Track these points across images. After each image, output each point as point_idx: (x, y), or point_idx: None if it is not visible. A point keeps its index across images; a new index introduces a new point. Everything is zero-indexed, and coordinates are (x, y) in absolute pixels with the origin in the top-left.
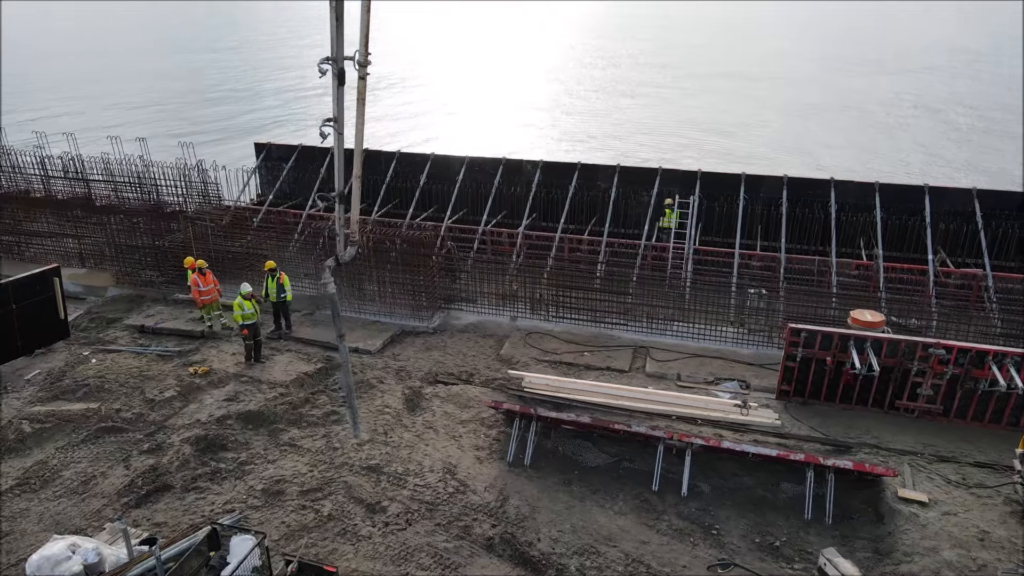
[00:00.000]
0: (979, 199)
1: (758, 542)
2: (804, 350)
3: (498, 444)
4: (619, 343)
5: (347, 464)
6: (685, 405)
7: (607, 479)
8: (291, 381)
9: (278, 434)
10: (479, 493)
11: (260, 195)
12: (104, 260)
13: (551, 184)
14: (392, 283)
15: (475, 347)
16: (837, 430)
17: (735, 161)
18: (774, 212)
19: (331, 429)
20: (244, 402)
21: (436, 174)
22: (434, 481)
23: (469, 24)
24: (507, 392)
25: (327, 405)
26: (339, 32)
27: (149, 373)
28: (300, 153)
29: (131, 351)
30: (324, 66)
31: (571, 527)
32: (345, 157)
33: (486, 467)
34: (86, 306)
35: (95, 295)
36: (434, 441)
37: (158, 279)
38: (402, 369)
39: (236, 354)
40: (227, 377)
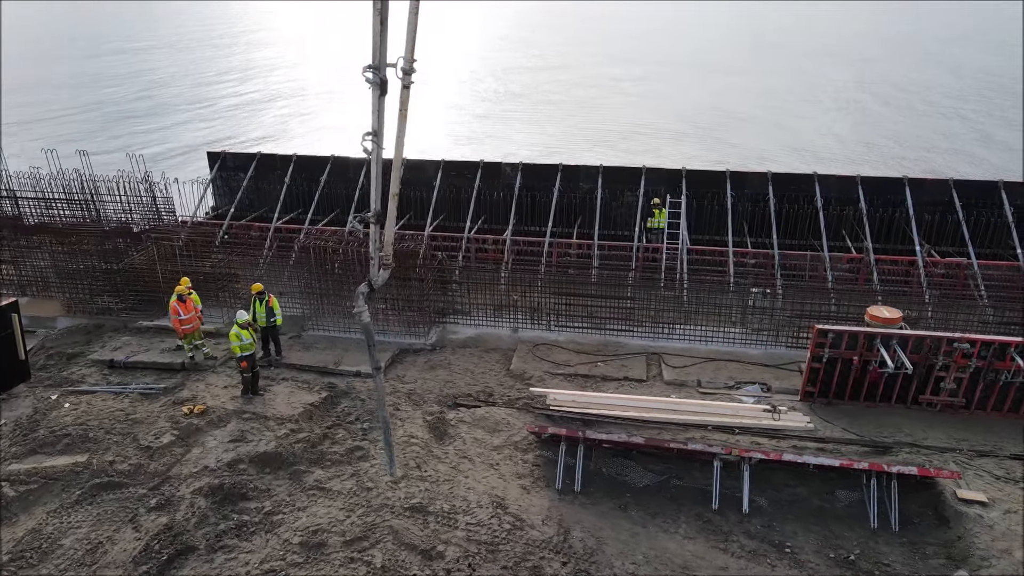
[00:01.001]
0: (956, 189)
1: (833, 557)
2: (831, 350)
3: (539, 470)
4: (629, 350)
5: (387, 505)
6: (717, 414)
7: (661, 500)
8: (299, 415)
9: (301, 477)
10: (538, 527)
11: (216, 208)
12: (48, 287)
13: (532, 187)
14: (384, 299)
15: (481, 363)
16: (868, 430)
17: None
18: (761, 208)
19: (358, 467)
20: (253, 442)
21: (410, 179)
22: (486, 517)
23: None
24: (533, 412)
25: (348, 440)
26: (383, 37)
27: (136, 416)
28: (259, 162)
29: (108, 391)
30: (368, 75)
31: (643, 557)
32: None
33: (535, 497)
34: (37, 340)
35: (43, 327)
36: (472, 472)
37: (117, 306)
38: (413, 393)
39: (229, 387)
40: (227, 415)
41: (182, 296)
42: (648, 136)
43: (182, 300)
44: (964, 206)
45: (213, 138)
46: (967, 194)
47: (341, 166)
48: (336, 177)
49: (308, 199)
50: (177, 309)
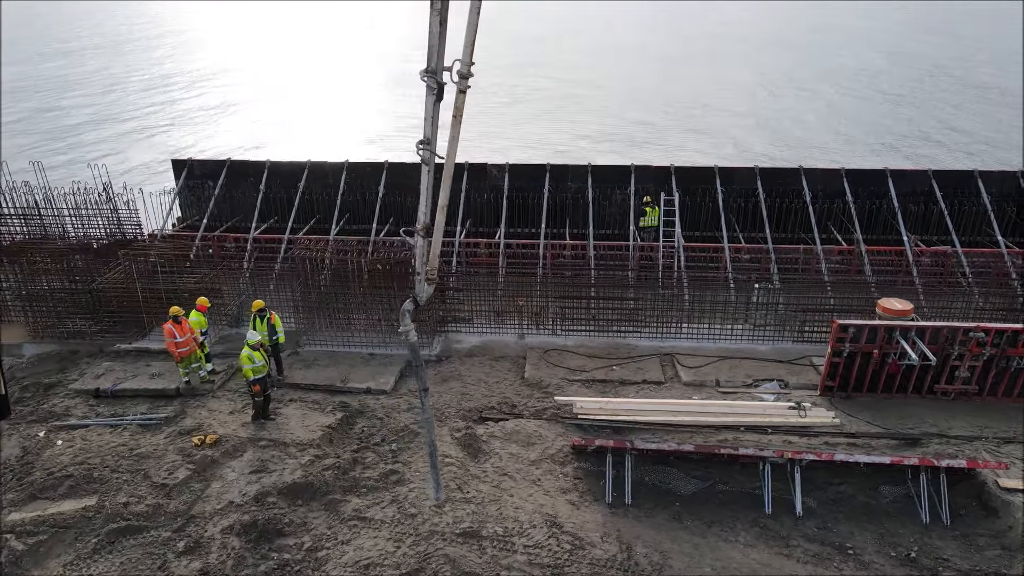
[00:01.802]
0: (935, 179)
1: (894, 556)
2: (851, 345)
3: (582, 483)
4: (641, 352)
5: (436, 532)
6: (746, 414)
7: (713, 507)
8: (319, 439)
9: (337, 507)
10: (598, 545)
11: (184, 219)
12: (8, 311)
13: (521, 188)
14: (386, 309)
15: (493, 372)
16: (892, 422)
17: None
18: (752, 203)
19: (396, 492)
20: (277, 472)
21: (391, 183)
22: (543, 538)
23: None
24: (563, 422)
25: (380, 464)
26: (442, 39)
27: (141, 450)
28: (230, 169)
29: (103, 424)
30: (427, 81)
31: (711, 570)
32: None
33: (587, 512)
34: (5, 369)
35: (9, 355)
36: (516, 490)
37: (90, 328)
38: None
39: (235, 412)
40: (241, 443)
41: (177, 318)
42: (619, 131)
43: (177, 322)
44: (944, 195)
45: (170, 146)
46: (945, 183)
47: (318, 172)
48: (314, 183)
49: (284, 207)
50: (172, 331)
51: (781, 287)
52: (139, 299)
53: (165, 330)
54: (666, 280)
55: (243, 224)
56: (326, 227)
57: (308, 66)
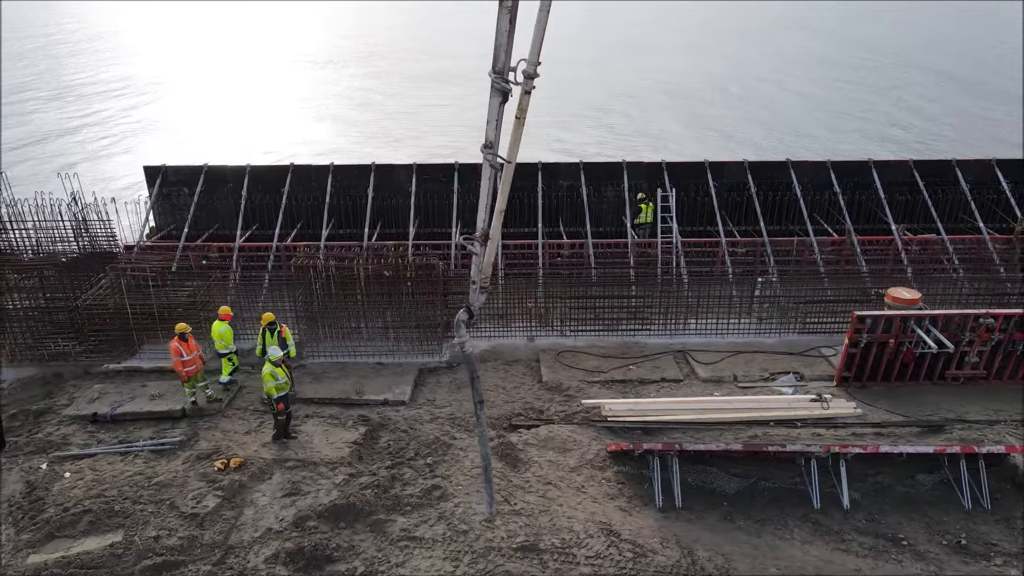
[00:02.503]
0: (916, 169)
1: (946, 544)
2: (868, 335)
3: (626, 487)
4: (653, 350)
5: (493, 548)
6: (772, 408)
7: (759, 505)
8: (348, 456)
9: (384, 527)
10: (660, 552)
11: (159, 229)
12: None
13: (517, 187)
14: (394, 316)
15: (509, 377)
16: (910, 409)
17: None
18: (747, 197)
19: (442, 508)
20: (311, 494)
21: (379, 185)
22: (603, 548)
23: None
24: (595, 426)
25: (419, 479)
26: (511, 38)
27: (160, 479)
28: (207, 175)
29: (111, 452)
30: (494, 81)
31: (776, 570)
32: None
33: (639, 518)
34: None
35: None
36: (562, 498)
37: (74, 349)
38: (454, 417)
39: (251, 432)
40: (267, 465)
41: (184, 335)
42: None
43: (184, 339)
44: (926, 185)
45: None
46: (925, 173)
47: (302, 175)
48: (297, 187)
49: (267, 213)
50: (179, 350)
51: (779, 280)
52: (128, 315)
53: (171, 348)
54: (668, 277)
55: (223, 232)
56: (314, 233)
57: (240, 66)
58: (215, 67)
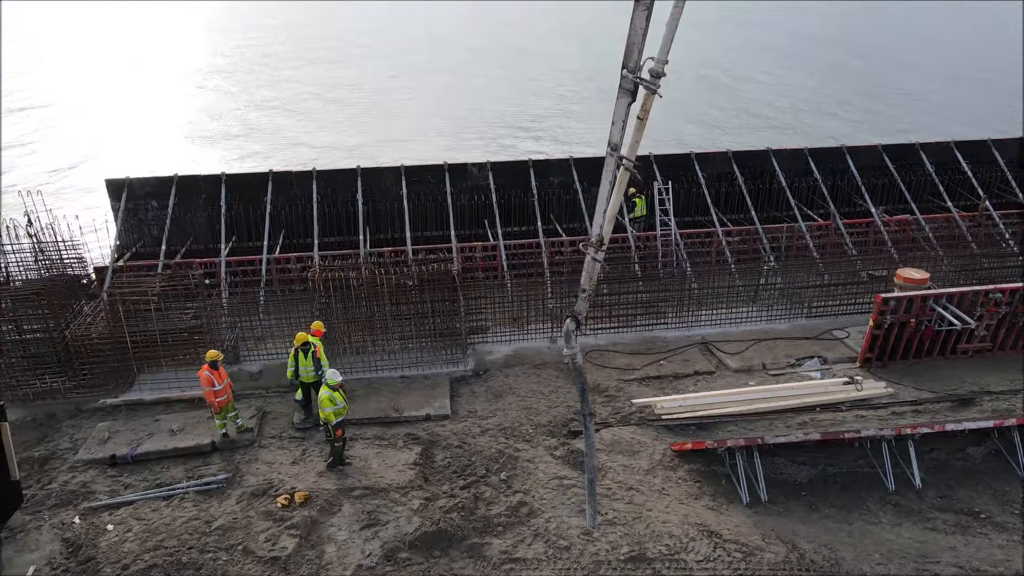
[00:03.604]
0: (885, 153)
1: (1019, 514)
2: (891, 316)
3: (703, 485)
4: (678, 344)
5: (602, 562)
6: (811, 394)
7: (834, 492)
8: (414, 478)
9: (481, 551)
10: (766, 549)
11: (122, 247)
12: None
13: (502, 186)
14: (416, 326)
15: (544, 382)
16: (934, 384)
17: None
18: (736, 187)
19: (534, 525)
20: (392, 523)
21: (366, 189)
22: (709, 551)
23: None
24: (651, 425)
25: (500, 497)
26: (645, 35)
27: (220, 522)
28: (178, 185)
29: (152, 497)
30: (625, 80)
31: (880, 556)
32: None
33: (731, 516)
34: None
35: None
36: (650, 503)
37: (65, 385)
38: (504, 428)
39: (298, 461)
40: (332, 496)
41: (216, 363)
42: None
43: (215, 367)
44: (897, 168)
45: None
46: (893, 157)
47: (283, 182)
48: (278, 195)
49: (245, 223)
50: (211, 379)
51: (780, 267)
52: (127, 344)
53: (202, 378)
54: (669, 270)
55: (198, 247)
56: (302, 242)
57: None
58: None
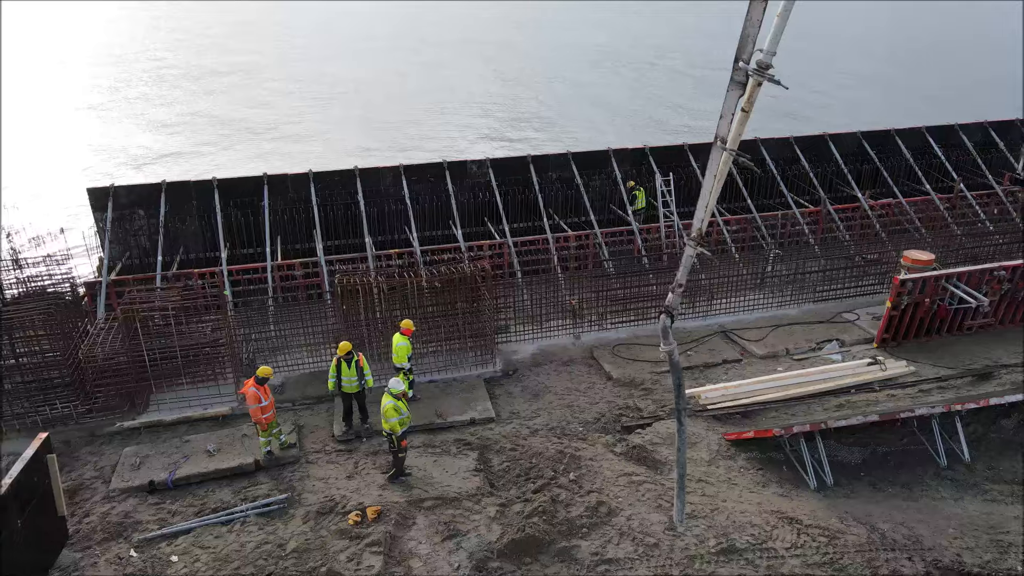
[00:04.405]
0: (865, 139)
1: None
2: (908, 297)
3: (765, 472)
4: (698, 333)
5: (695, 556)
6: (842, 376)
7: (889, 470)
8: (480, 484)
9: (571, 555)
10: (848, 531)
11: (113, 258)
12: None
13: (502, 183)
14: (447, 330)
15: (577, 379)
16: (950, 361)
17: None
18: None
19: (617, 524)
20: (473, 532)
21: (366, 191)
22: (794, 537)
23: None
24: (700, 415)
25: (576, 498)
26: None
27: (294, 545)
28: (168, 192)
29: (211, 524)
30: (738, 72)
31: (954, 531)
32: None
33: (803, 501)
34: None
35: None
36: (723, 494)
37: (77, 409)
38: (552, 428)
39: (353, 475)
40: (404, 509)
41: (265, 380)
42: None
43: (261, 384)
44: (877, 155)
45: None
46: (871, 143)
47: (278, 185)
48: (275, 198)
49: (239, 229)
50: (258, 395)
51: (784, 254)
52: (145, 362)
53: (249, 395)
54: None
55: (190, 256)
56: (303, 247)
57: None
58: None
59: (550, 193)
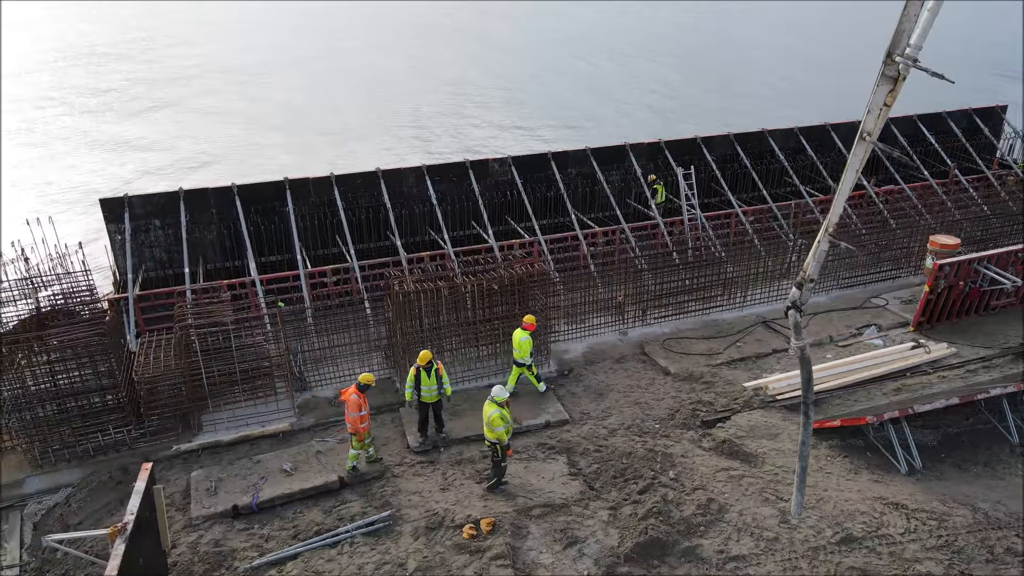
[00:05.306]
0: None
1: None
2: (944, 281)
3: (852, 459)
4: (739, 324)
5: (817, 548)
6: (893, 360)
7: (966, 451)
8: (583, 488)
9: (696, 554)
10: (953, 513)
11: (120, 272)
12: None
13: (528, 180)
14: (504, 331)
15: (635, 376)
16: (983, 340)
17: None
18: (743, 168)
19: (729, 520)
20: (592, 539)
21: (391, 193)
22: (905, 522)
23: None
24: (772, 406)
25: (683, 496)
26: (915, 25)
27: (414, 564)
28: (186, 200)
29: (318, 546)
30: (891, 67)
31: None
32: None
33: (900, 486)
34: (17, 519)
35: (9, 494)
36: (822, 483)
37: (131, 433)
38: (629, 427)
39: (446, 488)
40: (515, 519)
41: (367, 387)
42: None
43: (363, 391)
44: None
45: None
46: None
47: (299, 190)
48: (299, 204)
49: (261, 236)
50: (360, 403)
51: (807, 243)
52: (203, 381)
53: (351, 402)
54: (704, 253)
55: (213, 267)
56: (330, 253)
57: None
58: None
59: (571, 189)
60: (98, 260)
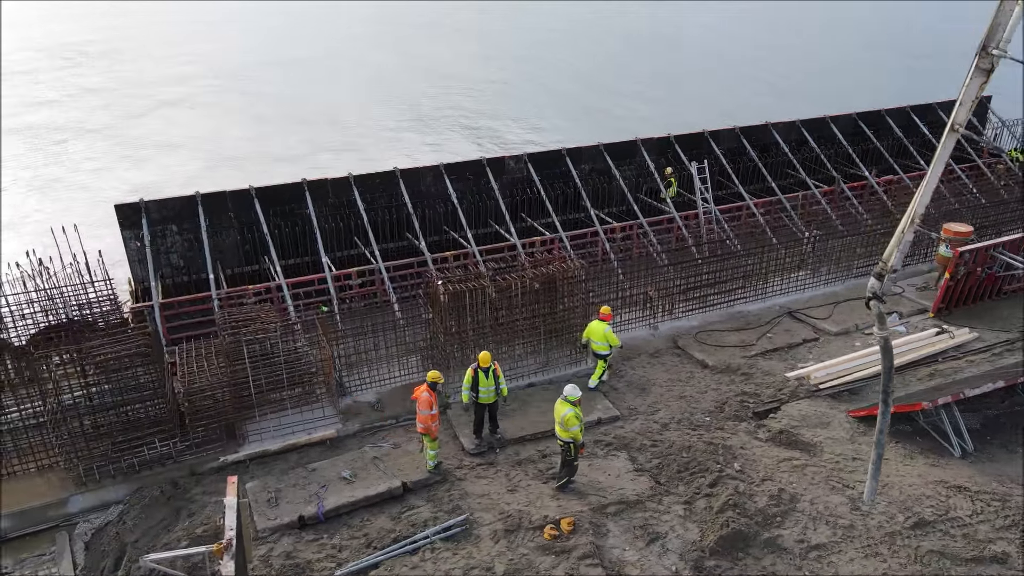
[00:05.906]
0: (861, 120)
1: None
2: (964, 267)
3: (904, 445)
4: (766, 315)
5: (893, 533)
6: (923, 347)
7: (1009, 432)
8: (651, 483)
9: (778, 544)
10: (1012, 495)
11: (137, 279)
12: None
13: (547, 176)
14: (546, 330)
15: (673, 370)
16: (1000, 324)
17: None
18: (748, 160)
19: (802, 509)
20: (673, 533)
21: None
22: (970, 504)
23: None
24: (816, 395)
25: (753, 487)
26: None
27: (502, 568)
28: (204, 204)
29: (397, 555)
30: (985, 59)
31: None
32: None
33: (956, 469)
34: (64, 541)
35: (42, 518)
36: (883, 469)
37: (178, 446)
38: (678, 420)
39: (513, 489)
40: (594, 518)
41: (436, 384)
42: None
43: (433, 388)
44: (874, 133)
45: None
46: (866, 123)
47: (318, 191)
48: (319, 205)
49: (281, 239)
50: (431, 401)
51: (822, 234)
52: (251, 390)
53: (422, 400)
54: (722, 246)
55: (230, 272)
56: (353, 254)
57: None
58: None
59: (587, 185)
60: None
